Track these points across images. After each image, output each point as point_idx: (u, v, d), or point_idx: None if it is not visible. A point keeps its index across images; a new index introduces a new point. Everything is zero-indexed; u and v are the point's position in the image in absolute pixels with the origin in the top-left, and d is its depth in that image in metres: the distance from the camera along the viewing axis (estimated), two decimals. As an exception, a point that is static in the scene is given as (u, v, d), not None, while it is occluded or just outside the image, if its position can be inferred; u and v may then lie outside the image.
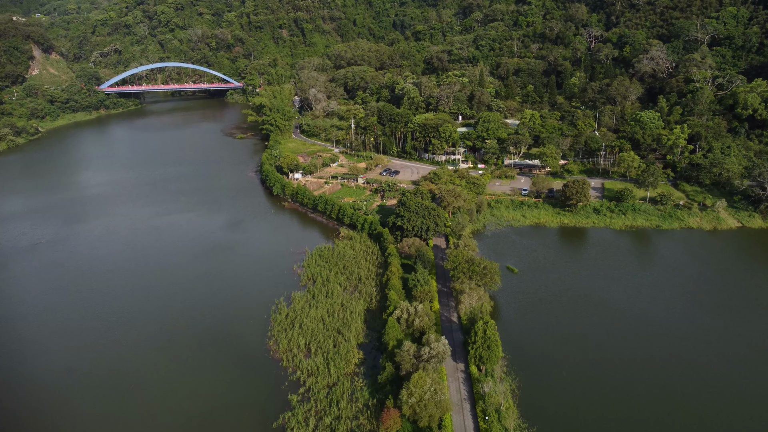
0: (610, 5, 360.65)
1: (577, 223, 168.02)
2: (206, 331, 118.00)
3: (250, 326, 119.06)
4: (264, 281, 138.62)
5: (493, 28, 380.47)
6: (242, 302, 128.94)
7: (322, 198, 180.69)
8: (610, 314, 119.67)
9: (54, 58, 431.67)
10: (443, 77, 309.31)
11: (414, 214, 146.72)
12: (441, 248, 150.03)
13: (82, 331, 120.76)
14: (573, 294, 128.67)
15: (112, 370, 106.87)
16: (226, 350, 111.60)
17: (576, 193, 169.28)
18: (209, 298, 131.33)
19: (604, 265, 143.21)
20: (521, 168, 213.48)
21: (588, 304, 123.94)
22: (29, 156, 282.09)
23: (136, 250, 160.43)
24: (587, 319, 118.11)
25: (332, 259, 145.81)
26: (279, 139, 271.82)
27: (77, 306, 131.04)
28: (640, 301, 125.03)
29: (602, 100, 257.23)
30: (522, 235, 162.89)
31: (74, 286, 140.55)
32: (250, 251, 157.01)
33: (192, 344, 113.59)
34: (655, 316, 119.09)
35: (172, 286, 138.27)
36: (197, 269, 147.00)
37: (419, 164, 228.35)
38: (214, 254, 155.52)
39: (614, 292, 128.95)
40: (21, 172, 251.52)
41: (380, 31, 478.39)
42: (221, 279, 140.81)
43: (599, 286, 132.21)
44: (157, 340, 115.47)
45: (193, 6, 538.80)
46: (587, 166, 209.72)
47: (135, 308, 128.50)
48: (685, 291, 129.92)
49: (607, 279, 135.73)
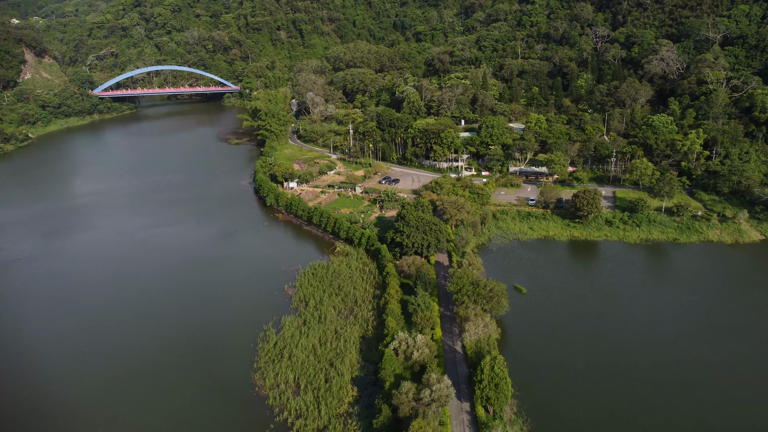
0: (617, 4, 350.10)
1: (589, 236, 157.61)
2: (188, 362, 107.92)
3: (236, 356, 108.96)
4: (253, 303, 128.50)
5: (496, 28, 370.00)
6: (228, 328, 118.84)
7: (317, 210, 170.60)
8: (629, 341, 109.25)
9: (47, 61, 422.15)
10: (445, 79, 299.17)
11: (414, 229, 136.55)
12: (443, 265, 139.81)
13: (54, 360, 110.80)
14: (586, 317, 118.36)
15: (84, 406, 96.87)
16: (209, 384, 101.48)
17: (587, 204, 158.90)
18: (193, 323, 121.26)
19: (619, 283, 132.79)
20: (527, 175, 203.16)
21: (604, 329, 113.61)
22: (16, 164, 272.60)
23: (118, 268, 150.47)
24: (603, 347, 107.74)
25: (326, 278, 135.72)
26: (275, 145, 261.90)
27: (51, 331, 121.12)
28: (661, 326, 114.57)
29: (611, 103, 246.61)
30: (530, 249, 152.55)
31: (50, 308, 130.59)
32: (240, 269, 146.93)
33: (171, 378, 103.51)
34: (679, 343, 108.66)
35: (155, 310, 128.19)
36: (182, 289, 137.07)
37: (420, 171, 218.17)
38: (201, 272, 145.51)
39: (632, 316, 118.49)
40: (6, 180, 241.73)
41: (380, 32, 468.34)
42: (207, 301, 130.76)
43: (615, 309, 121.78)
44: (135, 373, 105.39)
45: (191, 8, 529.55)
46: (597, 173, 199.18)
47: (112, 335, 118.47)
48: (710, 313, 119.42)
49: (624, 300, 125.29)
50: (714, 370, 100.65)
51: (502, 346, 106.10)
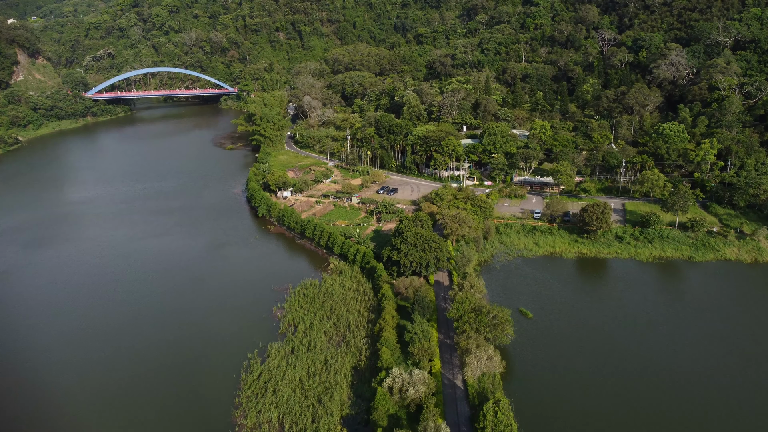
0: (623, 6, 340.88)
1: (598, 253, 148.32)
2: (165, 398, 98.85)
3: (216, 389, 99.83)
4: (238, 327, 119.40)
5: (499, 30, 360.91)
6: (211, 356, 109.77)
7: (311, 223, 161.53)
8: (645, 376, 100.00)
9: (41, 62, 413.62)
10: (446, 83, 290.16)
11: (412, 247, 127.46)
12: (443, 285, 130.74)
13: (15, 397, 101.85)
14: (597, 346, 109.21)
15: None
16: (186, 423, 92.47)
17: (596, 219, 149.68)
18: (174, 350, 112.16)
19: (632, 307, 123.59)
20: (532, 186, 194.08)
21: (616, 359, 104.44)
22: (2, 169, 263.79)
23: (98, 285, 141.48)
24: (617, 384, 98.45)
25: (318, 299, 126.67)
26: (269, 151, 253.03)
27: (18, 358, 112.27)
28: (680, 357, 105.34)
29: (618, 109, 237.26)
30: (535, 267, 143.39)
31: (22, 330, 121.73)
32: (227, 287, 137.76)
33: (146, 416, 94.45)
34: (699, 374, 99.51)
35: (133, 334, 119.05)
36: (164, 311, 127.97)
37: (420, 180, 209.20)
38: (184, 291, 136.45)
39: (648, 346, 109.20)
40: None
41: (381, 34, 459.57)
42: (191, 324, 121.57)
43: (629, 336, 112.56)
44: (106, 408, 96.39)
45: (189, 8, 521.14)
46: (605, 184, 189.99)
47: (84, 363, 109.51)
48: (733, 341, 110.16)
49: (638, 326, 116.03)
50: (743, 407, 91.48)
51: (506, 381, 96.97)
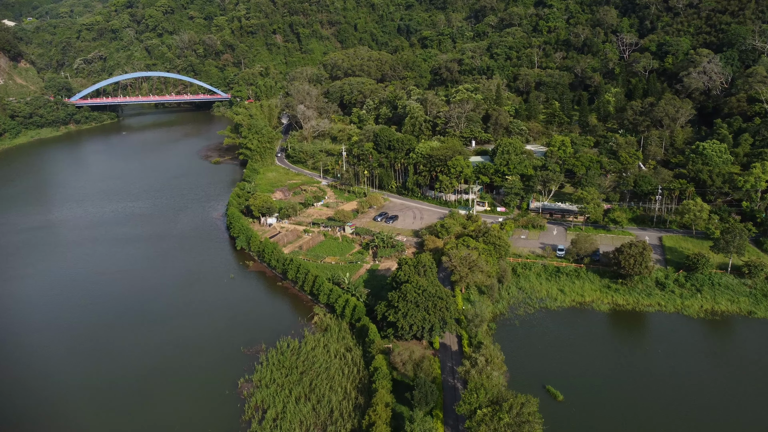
0: (644, 8, 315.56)
1: (636, 305, 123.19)
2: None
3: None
4: (190, 410, 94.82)
5: (510, 34, 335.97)
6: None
7: (293, 263, 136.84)
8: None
9: (23, 66, 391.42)
10: (452, 91, 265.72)
11: (413, 305, 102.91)
12: (451, 351, 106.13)
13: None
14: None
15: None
16: None
17: (635, 263, 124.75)
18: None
19: (686, 382, 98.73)
20: (552, 213, 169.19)
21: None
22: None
23: (24, 343, 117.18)
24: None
25: (296, 370, 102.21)
26: (257, 166, 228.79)
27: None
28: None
29: (645, 123, 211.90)
30: (562, 322, 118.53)
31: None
32: (185, 346, 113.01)
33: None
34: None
35: (57, 415, 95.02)
36: (101, 385, 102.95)
37: (423, 205, 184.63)
38: (130, 353, 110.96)
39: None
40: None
41: (383, 37, 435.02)
42: (128, 413, 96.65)
43: (681, 424, 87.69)
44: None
45: (184, 9, 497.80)
46: (637, 212, 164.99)
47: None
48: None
49: (698, 413, 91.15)
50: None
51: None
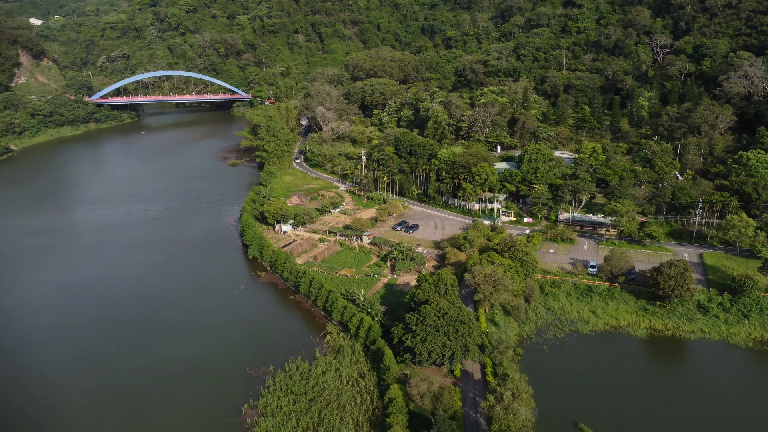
0: (678, 9, 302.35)
1: (676, 331, 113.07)
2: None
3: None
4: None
5: (537, 34, 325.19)
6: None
7: (306, 276, 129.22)
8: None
9: (45, 64, 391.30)
10: (477, 94, 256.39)
11: (432, 330, 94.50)
12: (474, 380, 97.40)
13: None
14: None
15: None
16: None
17: (674, 285, 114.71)
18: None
19: (734, 419, 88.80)
20: (582, 225, 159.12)
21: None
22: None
23: (16, 354, 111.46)
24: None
25: (305, 396, 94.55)
26: (274, 170, 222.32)
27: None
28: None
29: (682, 130, 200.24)
30: (594, 348, 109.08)
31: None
32: (186, 365, 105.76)
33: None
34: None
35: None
36: (92, 405, 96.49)
37: (445, 213, 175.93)
38: (126, 373, 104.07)
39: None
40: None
41: (407, 37, 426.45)
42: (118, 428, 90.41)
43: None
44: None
45: (207, 8, 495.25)
46: (675, 226, 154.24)
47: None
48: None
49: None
50: None
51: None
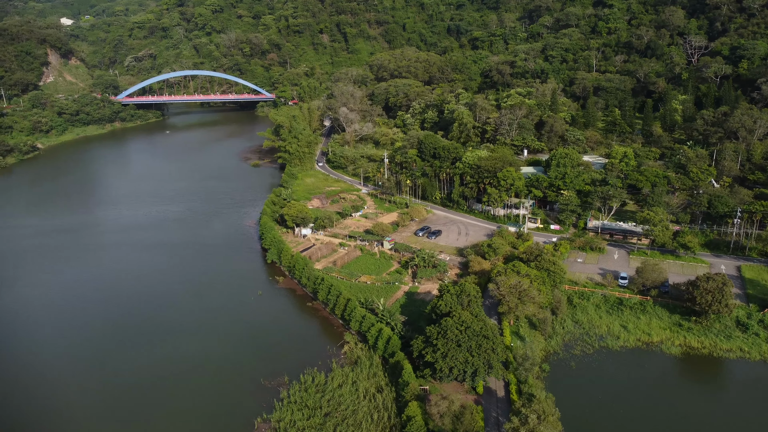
0: (714, 9, 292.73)
1: (713, 349, 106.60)
2: None
3: None
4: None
5: (566, 35, 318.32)
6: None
7: (325, 283, 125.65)
8: None
9: (73, 63, 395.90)
10: (504, 95, 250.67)
11: (453, 345, 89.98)
12: (497, 398, 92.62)
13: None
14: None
15: None
16: None
17: (712, 300, 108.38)
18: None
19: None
20: (612, 233, 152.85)
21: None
22: (2, 183, 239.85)
23: (19, 357, 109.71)
24: None
25: (320, 410, 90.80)
26: (296, 171, 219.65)
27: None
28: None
29: (718, 135, 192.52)
30: (625, 366, 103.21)
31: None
32: (199, 373, 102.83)
33: None
34: None
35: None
36: (99, 414, 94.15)
37: (469, 219, 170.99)
38: (136, 380, 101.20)
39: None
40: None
41: (432, 38, 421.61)
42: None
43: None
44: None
45: (233, 8, 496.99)
46: (710, 236, 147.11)
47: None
48: None
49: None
50: None
51: None
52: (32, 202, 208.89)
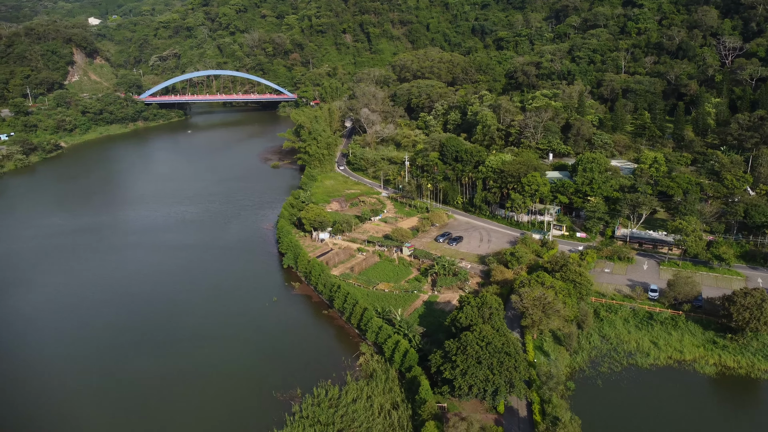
0: (749, 9, 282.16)
1: (751, 370, 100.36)
2: None
3: None
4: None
5: (594, 36, 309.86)
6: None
7: (341, 291, 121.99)
8: None
9: (98, 63, 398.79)
10: (529, 97, 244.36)
11: (474, 361, 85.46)
12: (519, 417, 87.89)
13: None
14: None
15: None
16: None
17: (750, 317, 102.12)
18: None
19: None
20: (641, 242, 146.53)
21: None
22: (24, 181, 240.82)
23: (23, 358, 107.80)
24: None
25: (332, 427, 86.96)
26: (315, 173, 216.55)
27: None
28: None
29: (754, 140, 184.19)
30: (656, 386, 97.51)
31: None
32: (208, 384, 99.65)
33: None
34: None
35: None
36: (103, 423, 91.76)
37: (492, 225, 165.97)
38: (143, 387, 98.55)
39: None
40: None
41: (456, 38, 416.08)
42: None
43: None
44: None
45: (257, 8, 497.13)
46: (746, 247, 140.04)
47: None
48: None
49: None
50: None
51: None
52: (54, 202, 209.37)
